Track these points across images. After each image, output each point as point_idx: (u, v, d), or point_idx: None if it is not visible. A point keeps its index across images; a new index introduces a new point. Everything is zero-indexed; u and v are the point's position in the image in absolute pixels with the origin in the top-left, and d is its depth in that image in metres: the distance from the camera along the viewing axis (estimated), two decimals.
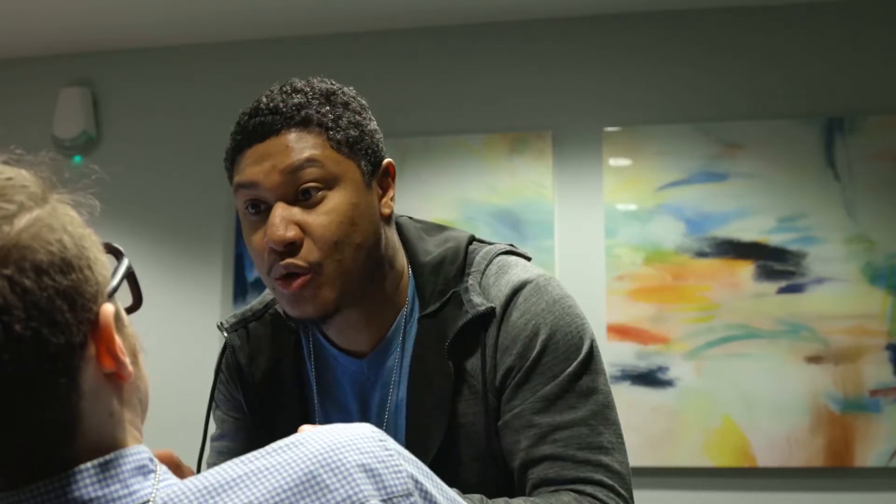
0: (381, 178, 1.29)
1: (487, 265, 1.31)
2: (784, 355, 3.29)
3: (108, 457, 0.71)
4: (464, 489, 1.23)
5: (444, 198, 3.55)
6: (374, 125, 1.29)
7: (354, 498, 0.72)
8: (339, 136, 1.23)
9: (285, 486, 0.72)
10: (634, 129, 3.51)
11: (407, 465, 0.78)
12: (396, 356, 1.31)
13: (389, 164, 1.30)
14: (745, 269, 3.36)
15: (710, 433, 3.29)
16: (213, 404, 1.43)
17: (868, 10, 3.47)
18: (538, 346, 1.25)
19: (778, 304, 3.32)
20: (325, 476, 0.73)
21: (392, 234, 1.32)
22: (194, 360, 3.68)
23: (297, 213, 1.20)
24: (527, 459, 1.24)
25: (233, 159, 1.26)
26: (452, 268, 1.30)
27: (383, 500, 0.74)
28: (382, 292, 1.29)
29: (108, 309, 0.71)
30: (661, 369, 3.33)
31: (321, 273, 1.21)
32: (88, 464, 0.70)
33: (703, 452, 3.28)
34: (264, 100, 1.26)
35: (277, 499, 0.71)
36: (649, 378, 3.32)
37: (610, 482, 1.22)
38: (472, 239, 1.36)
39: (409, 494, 0.76)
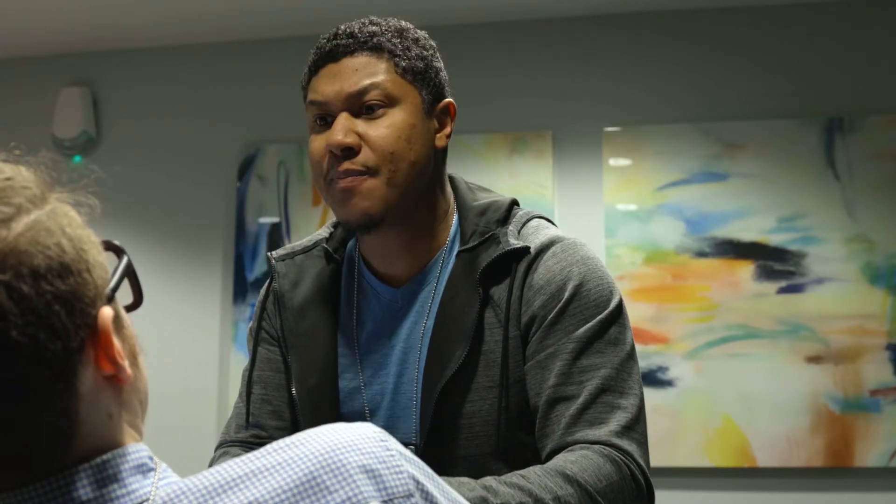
0: (440, 113, 1.40)
1: (528, 220, 1.41)
2: (784, 355, 3.29)
3: (106, 457, 0.71)
4: (472, 414, 1.31)
5: None
6: (440, 64, 1.43)
7: (354, 499, 0.72)
8: (404, 64, 1.35)
9: (285, 487, 0.71)
10: (634, 129, 3.51)
11: (408, 466, 0.78)
12: (431, 288, 1.39)
13: (450, 103, 1.41)
14: (745, 269, 3.36)
15: (710, 433, 3.29)
16: (257, 341, 1.50)
17: (868, 10, 3.47)
18: (570, 290, 1.31)
19: (778, 304, 3.32)
20: (325, 477, 0.72)
21: (443, 170, 1.41)
22: (194, 360, 3.68)
23: (358, 123, 1.32)
24: (552, 397, 1.29)
25: (308, 79, 1.37)
26: (496, 215, 1.40)
27: (384, 501, 0.74)
28: (426, 219, 1.39)
29: (106, 313, 0.70)
30: (661, 369, 3.33)
31: (375, 178, 1.31)
32: (87, 464, 0.70)
33: (703, 452, 3.28)
34: (342, 27, 1.37)
35: (277, 499, 0.71)
36: (649, 378, 3.32)
37: (630, 450, 1.27)
38: (515, 201, 1.46)
39: (410, 495, 0.76)
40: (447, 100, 1.41)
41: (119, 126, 3.91)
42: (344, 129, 1.31)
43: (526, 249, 1.34)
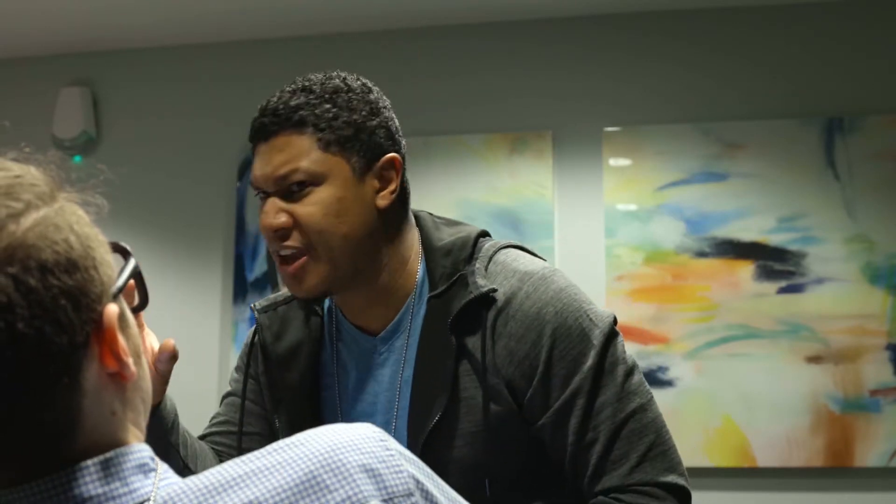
0: (381, 171, 1.38)
1: (494, 253, 1.41)
2: (784, 355, 3.29)
3: (108, 454, 0.71)
4: (460, 460, 1.34)
5: (444, 198, 3.55)
6: (377, 121, 1.39)
7: (354, 498, 0.72)
8: (329, 137, 1.34)
9: (285, 486, 0.72)
10: (634, 129, 3.51)
11: (408, 465, 0.78)
12: (405, 335, 1.41)
13: (393, 158, 1.39)
14: (745, 269, 3.36)
15: (710, 433, 3.29)
16: (236, 369, 1.56)
17: (868, 10, 3.47)
18: (548, 335, 1.33)
19: (778, 304, 3.32)
20: (325, 476, 0.73)
21: (399, 223, 1.41)
22: (194, 360, 3.68)
23: (286, 204, 1.34)
24: (572, 454, 1.33)
25: (252, 152, 1.40)
26: (462, 253, 1.40)
27: (384, 501, 0.74)
28: (385, 275, 1.40)
29: (111, 309, 0.71)
30: (661, 369, 3.33)
31: (313, 256, 1.34)
32: (89, 461, 0.70)
33: (703, 452, 3.28)
34: (273, 99, 1.37)
35: (277, 498, 0.71)
36: (649, 378, 3.32)
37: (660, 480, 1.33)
38: (483, 233, 1.47)
39: (410, 494, 0.76)
40: (388, 156, 1.39)
41: (119, 126, 3.91)
42: (274, 210, 1.34)
43: (493, 293, 1.34)
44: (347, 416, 1.44)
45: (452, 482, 1.29)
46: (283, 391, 1.45)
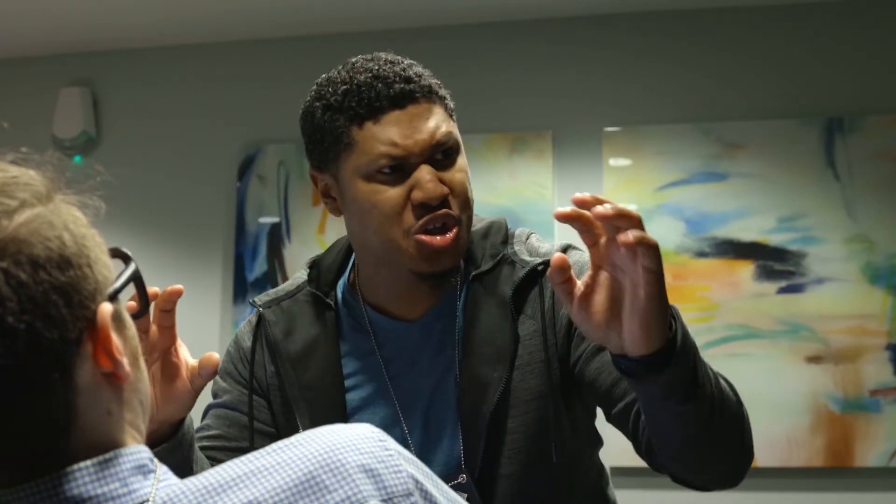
0: None
1: (528, 236, 1.43)
2: (784, 355, 3.29)
3: (106, 455, 0.71)
4: (513, 430, 1.32)
5: None
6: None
7: (354, 498, 0.72)
8: (452, 106, 1.37)
9: (284, 487, 0.72)
10: (634, 129, 3.51)
11: (407, 465, 0.78)
12: (447, 318, 1.38)
13: None
14: (745, 269, 3.36)
15: None
16: (219, 376, 1.46)
17: (868, 10, 3.47)
18: None
19: (778, 304, 3.32)
20: (324, 476, 0.73)
21: None
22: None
23: (439, 173, 1.32)
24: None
25: (360, 123, 1.30)
26: (499, 236, 1.42)
27: (383, 501, 0.74)
28: None
29: (105, 308, 0.71)
30: None
31: (461, 227, 1.33)
32: (87, 462, 0.70)
33: None
34: (388, 68, 1.32)
35: (277, 499, 0.71)
36: None
37: None
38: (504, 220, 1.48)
39: (410, 494, 0.76)
40: None
41: (119, 126, 3.91)
42: (434, 179, 1.30)
43: (547, 263, 1.33)
44: (396, 405, 1.37)
45: (505, 452, 1.31)
46: (304, 391, 1.39)
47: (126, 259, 0.77)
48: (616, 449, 1.60)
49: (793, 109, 3.45)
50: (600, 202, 1.03)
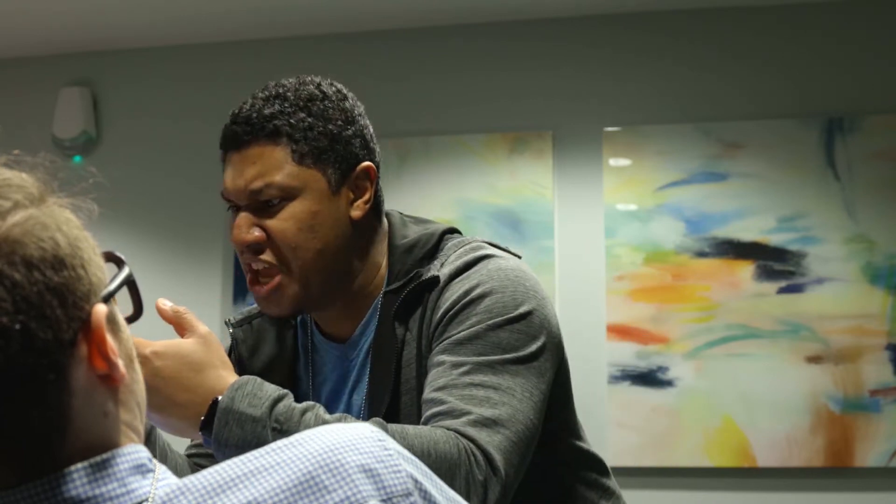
0: (356, 180, 1.34)
1: (457, 250, 1.36)
2: (784, 355, 3.29)
3: (104, 456, 0.71)
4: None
5: (443, 198, 3.55)
6: (353, 130, 1.34)
7: (353, 499, 0.72)
8: (304, 149, 1.30)
9: (284, 487, 0.72)
10: (634, 129, 3.51)
11: (406, 465, 0.78)
12: (369, 337, 1.38)
13: (368, 167, 1.35)
14: (745, 269, 3.36)
15: (710, 433, 3.29)
16: None
17: (868, 10, 3.47)
18: (466, 298, 1.27)
19: (778, 304, 3.32)
20: (323, 476, 0.73)
21: (370, 233, 1.37)
22: None
23: (258, 218, 1.31)
24: (426, 397, 1.25)
25: (222, 158, 1.36)
26: (422, 251, 1.37)
27: (383, 501, 0.74)
28: (357, 287, 1.37)
29: (100, 309, 0.70)
30: (661, 369, 3.33)
31: (287, 273, 1.31)
32: (84, 462, 0.70)
33: (703, 452, 3.28)
34: (245, 106, 1.35)
35: (276, 499, 0.71)
36: (649, 378, 3.32)
37: (486, 448, 1.17)
38: (450, 230, 1.42)
39: (409, 494, 0.76)
40: (363, 165, 1.34)
41: (119, 126, 3.91)
42: (246, 225, 1.30)
43: (436, 280, 1.31)
44: None
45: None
46: None
47: (119, 263, 0.77)
48: (616, 449, 1.60)
49: (793, 109, 3.45)
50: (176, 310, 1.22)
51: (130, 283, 0.77)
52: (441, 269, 1.33)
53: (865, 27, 3.47)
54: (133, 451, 0.73)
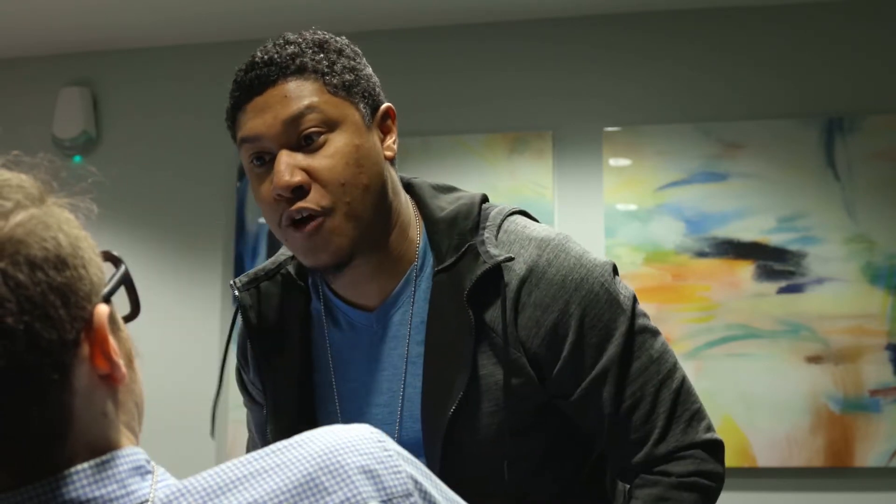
0: (381, 121, 1.31)
1: (503, 220, 1.33)
2: (784, 355, 3.29)
3: (104, 457, 0.71)
4: (479, 443, 1.27)
5: None
6: (369, 70, 1.33)
7: (353, 500, 0.72)
8: (335, 81, 1.25)
9: (284, 488, 0.72)
10: (634, 129, 3.51)
11: (406, 466, 0.78)
12: (406, 310, 1.31)
13: (389, 108, 1.32)
14: (745, 269, 3.36)
15: None
16: (242, 369, 1.47)
17: (868, 10, 3.46)
18: (578, 303, 1.27)
19: (778, 304, 3.32)
20: (324, 478, 0.73)
21: (397, 181, 1.33)
22: (194, 360, 3.68)
23: (301, 158, 1.22)
24: (612, 423, 1.29)
25: (234, 117, 1.29)
26: (467, 222, 1.31)
27: (383, 501, 0.74)
28: (392, 242, 1.30)
29: (102, 309, 0.71)
30: None
31: (333, 217, 1.22)
32: (85, 464, 0.70)
33: None
34: (259, 54, 1.28)
35: (276, 501, 0.71)
36: None
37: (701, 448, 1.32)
38: (485, 197, 1.38)
39: (409, 495, 0.76)
40: (384, 105, 1.32)
41: (119, 126, 3.91)
42: (289, 167, 1.21)
43: (509, 261, 1.27)
44: (344, 399, 1.34)
45: (470, 466, 1.27)
46: (273, 373, 1.36)
47: (117, 262, 0.77)
48: None
49: (793, 109, 3.45)
50: None
51: (128, 282, 0.77)
52: (498, 244, 1.29)
53: (865, 27, 3.47)
54: (132, 453, 0.73)
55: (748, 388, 3.28)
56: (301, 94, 1.23)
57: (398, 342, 1.32)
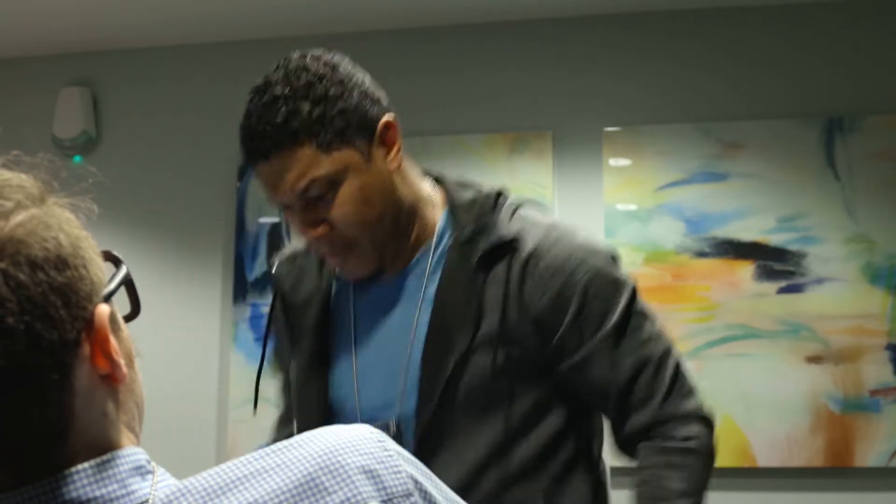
0: (381, 139, 1.40)
1: (517, 207, 1.46)
2: (784, 355, 3.29)
3: (104, 457, 0.71)
4: (469, 389, 1.38)
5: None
6: (357, 95, 1.38)
7: (354, 500, 0.72)
8: (328, 137, 1.34)
9: (284, 488, 0.72)
10: (634, 129, 3.51)
11: (406, 466, 0.78)
12: (420, 278, 1.44)
13: (386, 123, 1.40)
14: (745, 269, 3.36)
15: None
16: (278, 348, 1.61)
17: (868, 10, 3.46)
18: (584, 273, 1.40)
19: (778, 304, 3.32)
20: (324, 478, 0.73)
21: (408, 176, 1.45)
22: (194, 360, 3.68)
23: (317, 209, 1.36)
24: (616, 389, 1.41)
25: (246, 165, 1.50)
26: (485, 206, 1.44)
27: (383, 501, 0.74)
28: (404, 220, 1.44)
29: (103, 309, 0.71)
30: None
31: (357, 248, 1.39)
32: (85, 464, 0.70)
33: None
34: (251, 121, 1.38)
35: (276, 501, 0.71)
36: None
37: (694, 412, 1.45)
38: (503, 190, 1.51)
39: (410, 495, 0.76)
40: (382, 121, 1.40)
41: (119, 126, 3.91)
42: (310, 224, 1.37)
43: (517, 237, 1.40)
44: (360, 357, 1.46)
45: (464, 422, 1.37)
46: (299, 335, 1.51)
47: (117, 262, 0.77)
48: (616, 449, 1.61)
49: (793, 109, 3.45)
50: None
51: (128, 282, 0.77)
52: (511, 225, 1.41)
53: (865, 27, 3.47)
54: (132, 453, 0.73)
55: (748, 388, 3.28)
56: (301, 169, 1.34)
57: (409, 306, 1.44)
